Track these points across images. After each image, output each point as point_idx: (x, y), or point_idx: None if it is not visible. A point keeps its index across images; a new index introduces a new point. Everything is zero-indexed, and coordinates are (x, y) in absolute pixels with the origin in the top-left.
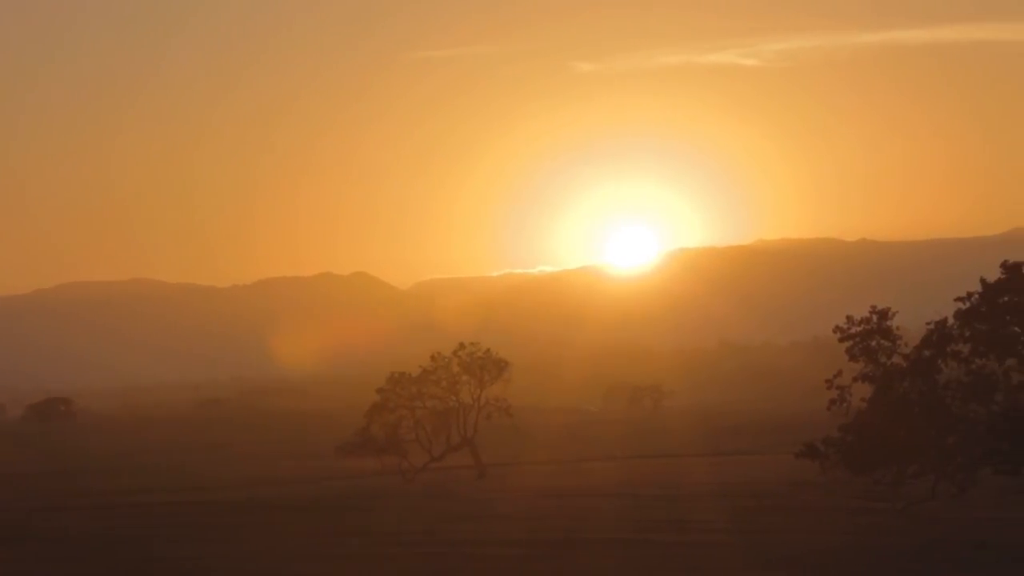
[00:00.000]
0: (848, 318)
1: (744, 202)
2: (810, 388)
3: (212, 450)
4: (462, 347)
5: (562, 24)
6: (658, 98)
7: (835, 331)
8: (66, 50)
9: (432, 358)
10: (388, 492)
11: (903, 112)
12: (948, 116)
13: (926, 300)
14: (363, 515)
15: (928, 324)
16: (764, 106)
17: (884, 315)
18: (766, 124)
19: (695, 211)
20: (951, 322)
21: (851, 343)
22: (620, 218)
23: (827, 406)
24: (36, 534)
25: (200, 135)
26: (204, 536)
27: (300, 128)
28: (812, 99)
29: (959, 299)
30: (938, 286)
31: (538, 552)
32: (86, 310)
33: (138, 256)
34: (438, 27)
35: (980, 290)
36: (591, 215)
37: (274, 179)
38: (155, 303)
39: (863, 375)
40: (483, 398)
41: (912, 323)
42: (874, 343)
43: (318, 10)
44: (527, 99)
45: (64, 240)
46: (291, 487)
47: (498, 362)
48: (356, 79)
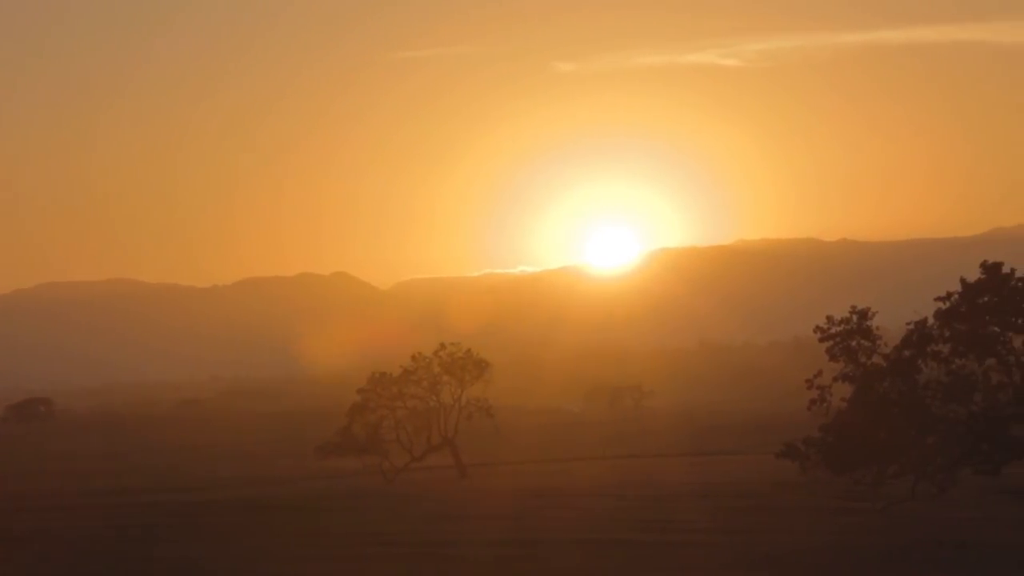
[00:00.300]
0: (828, 318)
1: (725, 202)
2: (791, 388)
3: (191, 450)
4: (443, 347)
5: (543, 24)
6: (639, 98)
7: (815, 331)
8: (46, 50)
9: (413, 358)
10: (369, 492)
11: (883, 112)
12: (928, 116)
13: (906, 300)
14: (343, 515)
15: (908, 324)
16: (745, 106)
17: (864, 315)
18: (747, 124)
19: (676, 211)
20: (931, 322)
21: (831, 343)
22: (601, 218)
23: (807, 406)
24: (11, 536)
25: (180, 135)
26: (182, 536)
27: (280, 128)
28: (793, 99)
29: (939, 299)
30: (918, 286)
31: (519, 552)
32: (66, 310)
33: (118, 256)
34: (419, 27)
35: (960, 290)
36: (572, 215)
37: (255, 179)
38: (135, 303)
39: (843, 375)
40: (464, 398)
41: (892, 323)
42: (854, 343)
43: (298, 10)
44: (508, 99)
45: (44, 240)
46: (271, 487)
47: (479, 362)
48: (336, 79)
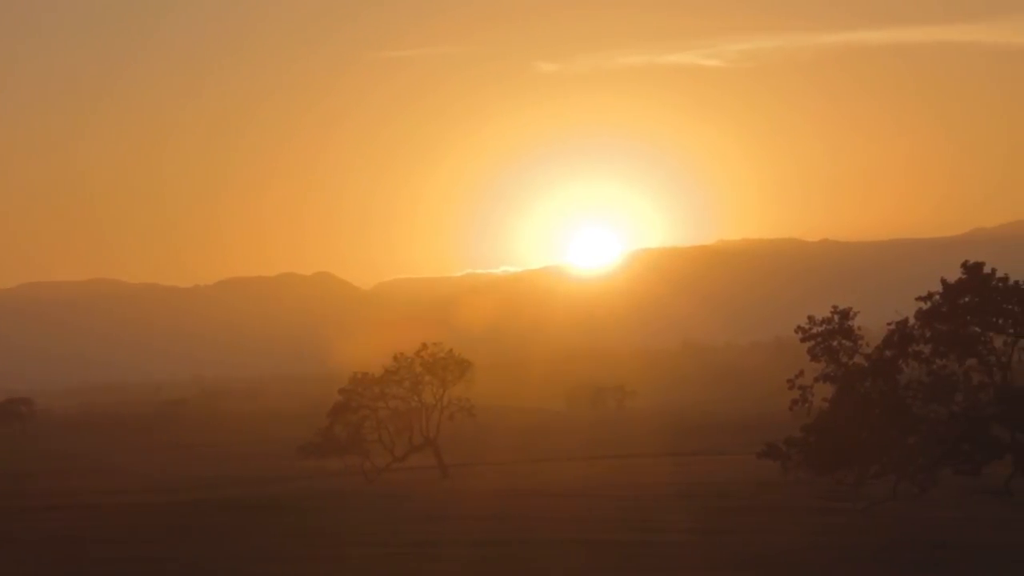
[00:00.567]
0: (810, 318)
1: (706, 202)
2: (773, 388)
3: (173, 450)
4: (425, 347)
5: (525, 25)
6: (621, 98)
7: (797, 331)
8: (30, 51)
9: (395, 358)
10: (350, 492)
11: (865, 113)
12: (910, 117)
13: (887, 300)
14: (325, 515)
15: (889, 324)
16: (726, 106)
17: (846, 315)
18: (728, 124)
19: (657, 211)
20: (912, 322)
21: (813, 343)
22: (583, 218)
23: (789, 406)
24: None
25: (163, 136)
26: (161, 537)
27: (263, 129)
28: (774, 100)
29: (920, 299)
30: (899, 286)
31: (501, 552)
32: (48, 310)
33: (100, 256)
34: (401, 28)
35: (941, 290)
36: (554, 215)
37: (237, 179)
38: (117, 303)
39: (825, 375)
40: (446, 398)
41: (873, 323)
42: (836, 343)
43: (282, 11)
44: (490, 99)
45: (25, 240)
46: (253, 487)
47: (460, 362)
48: (319, 79)
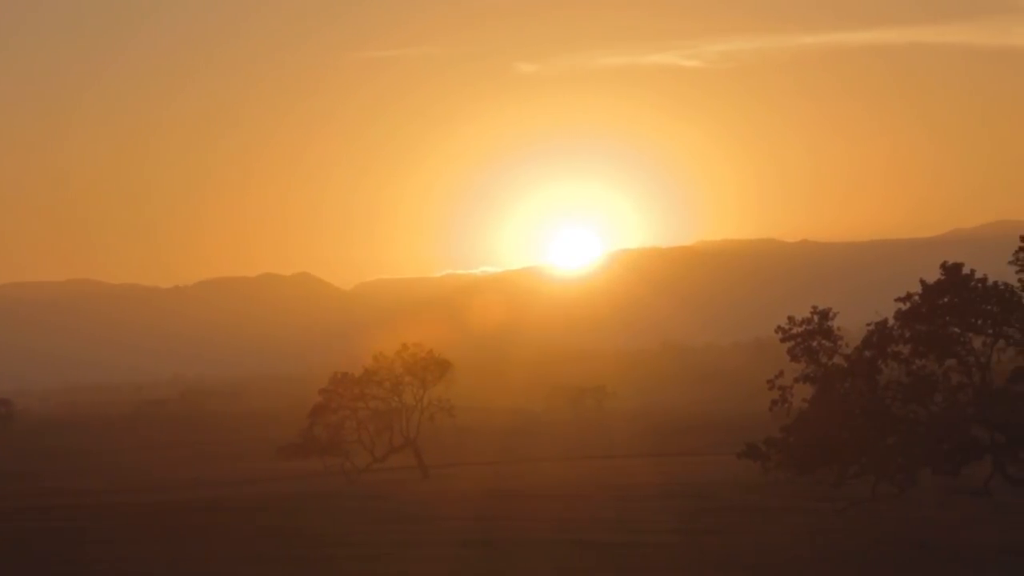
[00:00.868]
0: (790, 318)
1: (686, 203)
2: (753, 389)
3: (152, 451)
4: (405, 348)
5: (505, 25)
6: (600, 99)
7: (777, 331)
8: (8, 51)
9: (375, 358)
10: (331, 493)
11: (844, 113)
12: (889, 118)
13: (867, 301)
14: (305, 516)
15: (869, 325)
16: (706, 107)
17: (825, 315)
18: (708, 125)
19: (637, 212)
20: (891, 323)
21: (793, 343)
22: (563, 219)
23: (769, 407)
24: None
25: (143, 137)
26: (140, 537)
27: (243, 129)
28: (754, 100)
29: (899, 300)
30: (879, 287)
31: (482, 553)
32: (28, 310)
33: (80, 257)
34: (381, 28)
35: (920, 291)
36: (534, 216)
37: (218, 180)
38: (97, 303)
39: (804, 376)
40: (426, 399)
41: (853, 324)
42: (815, 343)
43: (262, 12)
44: (470, 100)
45: (6, 240)
46: (233, 488)
47: (440, 363)
48: (300, 80)
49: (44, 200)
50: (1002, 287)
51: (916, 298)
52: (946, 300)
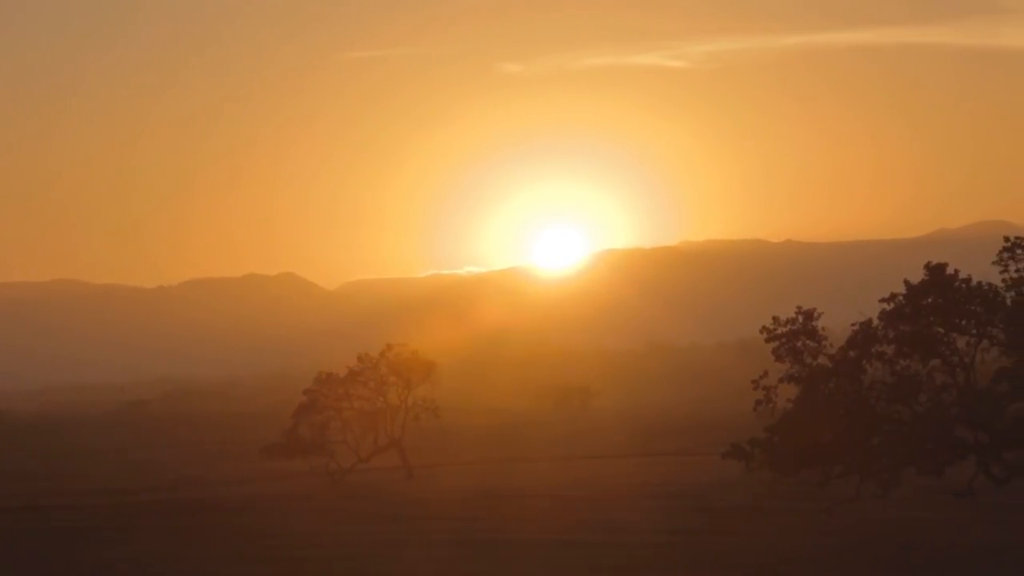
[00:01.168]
0: (774, 319)
1: (670, 203)
2: (737, 389)
3: (135, 451)
4: (389, 348)
5: (489, 25)
6: (585, 99)
7: (761, 332)
8: None
9: (359, 359)
10: (315, 494)
11: (829, 114)
12: (874, 118)
13: (851, 301)
14: (289, 517)
15: (853, 325)
16: (691, 107)
17: (810, 316)
18: (693, 125)
19: (622, 212)
20: (876, 323)
21: (777, 344)
22: (547, 219)
23: (753, 407)
24: None
25: (127, 137)
26: (121, 538)
27: (227, 130)
28: (739, 101)
29: (883, 300)
30: (863, 287)
31: (467, 553)
32: (8, 311)
33: (62, 256)
34: (365, 28)
35: (904, 291)
36: (518, 216)
37: (201, 180)
38: (80, 304)
39: (789, 376)
40: (411, 399)
41: (837, 324)
42: (800, 344)
43: (245, 12)
44: (454, 100)
45: None
46: (216, 489)
47: (425, 363)
48: (284, 80)
49: (25, 200)
50: (986, 287)
51: (900, 298)
52: (930, 300)
